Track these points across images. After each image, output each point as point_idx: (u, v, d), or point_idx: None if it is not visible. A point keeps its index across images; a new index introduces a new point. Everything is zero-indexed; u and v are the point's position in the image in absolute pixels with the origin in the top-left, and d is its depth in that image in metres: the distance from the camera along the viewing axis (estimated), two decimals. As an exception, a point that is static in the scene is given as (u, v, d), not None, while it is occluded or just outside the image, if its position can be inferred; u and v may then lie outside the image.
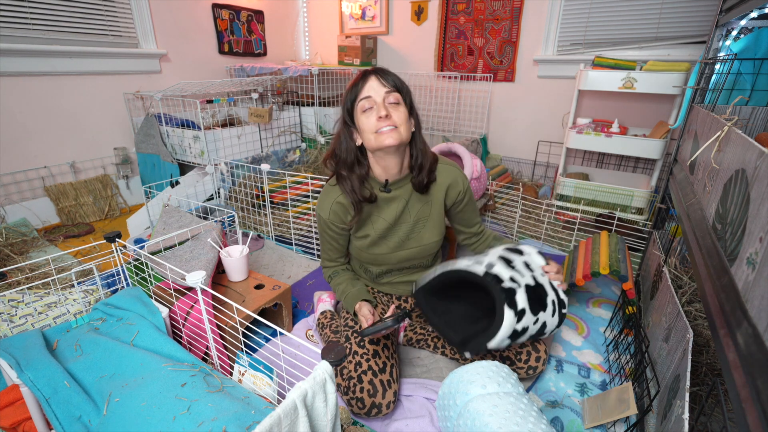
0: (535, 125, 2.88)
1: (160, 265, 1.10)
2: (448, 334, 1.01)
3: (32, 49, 2.05)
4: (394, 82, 1.02)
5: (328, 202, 1.10)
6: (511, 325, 0.90)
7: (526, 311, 0.92)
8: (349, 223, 1.12)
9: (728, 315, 0.55)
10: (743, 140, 0.66)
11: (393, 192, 1.11)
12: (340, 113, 1.07)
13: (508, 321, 0.90)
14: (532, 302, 0.94)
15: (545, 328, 0.99)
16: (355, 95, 1.01)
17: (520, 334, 0.93)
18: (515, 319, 0.91)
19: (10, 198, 2.12)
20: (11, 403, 0.83)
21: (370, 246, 1.15)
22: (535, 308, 0.95)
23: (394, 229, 1.14)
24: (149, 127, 2.34)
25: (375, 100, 0.99)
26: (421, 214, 1.15)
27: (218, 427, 0.63)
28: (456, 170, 1.15)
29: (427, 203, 1.15)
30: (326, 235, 1.16)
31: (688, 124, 1.31)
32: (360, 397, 0.98)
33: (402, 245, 1.16)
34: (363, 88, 1.00)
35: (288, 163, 2.65)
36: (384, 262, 1.18)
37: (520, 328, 0.92)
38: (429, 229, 1.16)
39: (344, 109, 1.05)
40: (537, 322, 0.96)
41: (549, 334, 1.02)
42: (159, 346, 0.86)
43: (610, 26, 2.44)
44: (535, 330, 0.97)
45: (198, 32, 2.85)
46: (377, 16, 3.25)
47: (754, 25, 1.63)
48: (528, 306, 0.93)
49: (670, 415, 0.82)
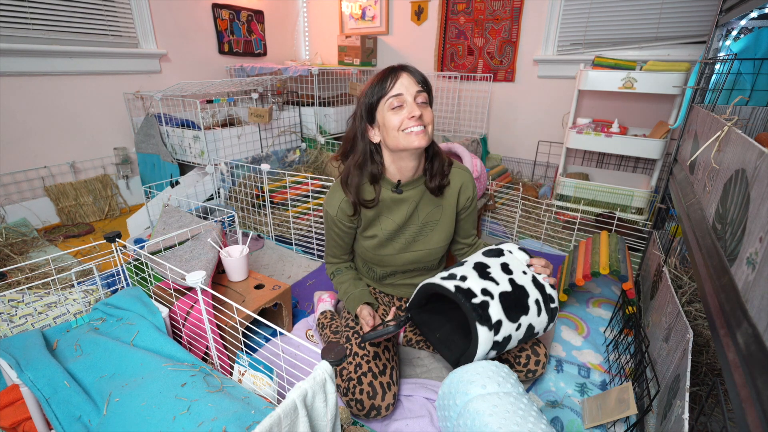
0: (535, 125, 2.88)
1: (160, 265, 1.10)
2: (443, 352, 1.03)
3: (32, 49, 2.05)
4: (424, 81, 0.99)
5: (337, 199, 1.08)
6: (487, 339, 0.90)
7: (503, 321, 0.91)
8: (355, 221, 1.11)
9: (728, 315, 0.55)
10: (743, 140, 0.66)
11: (404, 194, 1.09)
12: (356, 109, 1.03)
13: (483, 337, 0.89)
14: (509, 310, 0.93)
15: (534, 330, 0.98)
16: (383, 91, 0.96)
17: (504, 343, 0.93)
18: (491, 332, 0.90)
19: (10, 198, 2.12)
20: (11, 403, 0.83)
21: (377, 247, 1.14)
22: (514, 315, 0.93)
23: (402, 231, 1.13)
24: (149, 127, 2.34)
25: (406, 98, 0.96)
26: (430, 217, 1.13)
27: (218, 427, 0.63)
28: (468, 175, 1.15)
29: (438, 206, 1.13)
30: (332, 232, 1.15)
31: (688, 124, 1.31)
32: (359, 399, 0.98)
33: (408, 247, 1.14)
34: (394, 84, 0.96)
35: (288, 163, 2.65)
36: (389, 264, 1.17)
37: (500, 338, 0.91)
38: (438, 232, 1.15)
39: (365, 105, 1.00)
40: (520, 327, 0.94)
41: (543, 332, 1.02)
42: (159, 346, 0.86)
43: (610, 26, 2.44)
44: (522, 335, 0.96)
45: (198, 32, 2.85)
46: (377, 16, 3.25)
47: (754, 25, 1.63)
48: (504, 315, 0.91)
49: (670, 415, 0.82)
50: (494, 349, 0.93)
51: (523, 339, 0.97)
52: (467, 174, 1.15)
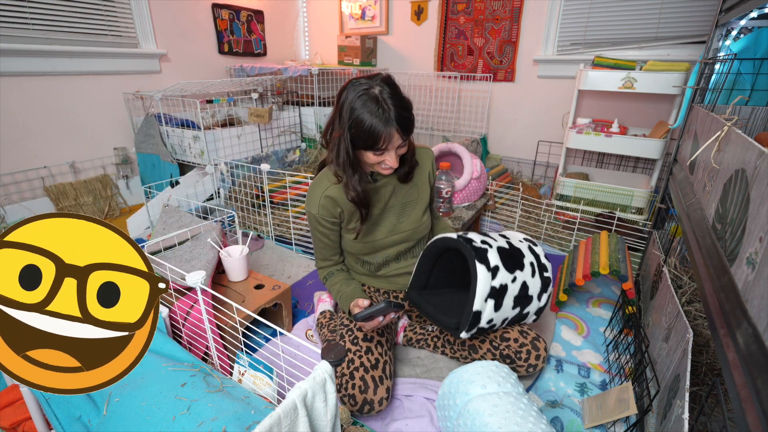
0: (535, 125, 2.88)
1: (160, 265, 1.10)
2: (442, 320, 1.05)
3: (32, 49, 2.05)
4: (408, 129, 0.97)
5: (316, 197, 1.09)
6: (485, 280, 0.95)
7: (499, 267, 0.98)
8: (338, 215, 1.11)
9: (728, 315, 0.55)
10: (743, 140, 0.66)
11: (380, 181, 1.12)
12: (341, 136, 0.98)
13: (482, 275, 0.95)
14: (506, 260, 1.00)
15: (527, 291, 1.04)
16: (372, 143, 0.94)
17: (501, 293, 0.98)
18: (489, 274, 0.96)
19: (10, 198, 2.12)
20: (11, 403, 0.83)
21: (364, 235, 1.14)
22: (510, 266, 1.01)
23: (385, 213, 1.16)
24: (149, 127, 2.34)
25: (389, 149, 0.97)
26: (408, 197, 1.17)
27: (218, 427, 0.63)
28: (430, 153, 1.21)
29: (413, 186, 1.17)
30: (317, 232, 1.15)
31: (688, 124, 1.31)
32: (352, 394, 0.98)
33: (395, 229, 1.17)
34: (384, 143, 0.94)
35: (288, 163, 2.65)
36: (380, 248, 1.18)
37: (497, 285, 0.97)
38: (418, 208, 1.18)
39: (350, 143, 0.96)
40: (515, 281, 1.01)
41: (537, 304, 1.07)
42: (159, 346, 0.86)
43: (610, 26, 2.44)
44: (517, 290, 1.02)
45: (198, 32, 2.85)
46: (377, 16, 3.25)
47: (753, 25, 1.63)
48: (501, 264, 0.99)
49: (669, 415, 0.82)
50: (492, 297, 0.97)
51: (518, 298, 1.02)
52: (429, 151, 1.21)
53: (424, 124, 3.22)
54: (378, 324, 1.00)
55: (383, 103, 0.92)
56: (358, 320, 0.97)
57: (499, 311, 1.00)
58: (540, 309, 1.10)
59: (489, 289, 0.96)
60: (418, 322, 1.32)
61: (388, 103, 0.92)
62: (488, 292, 0.96)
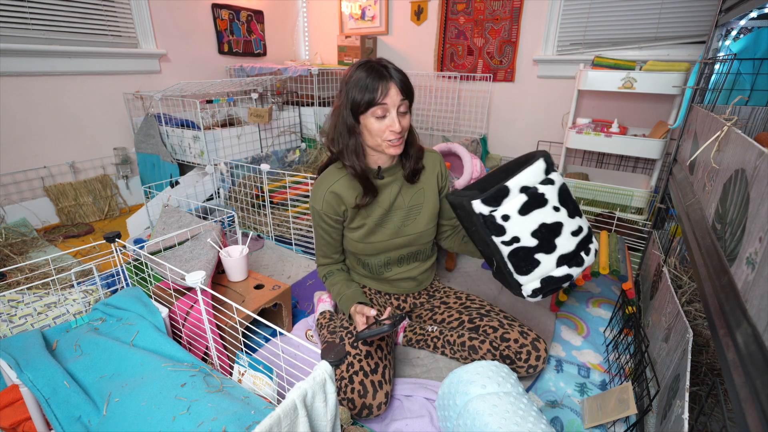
0: (534, 125, 2.88)
1: (160, 265, 1.10)
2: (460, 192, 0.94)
3: (32, 49, 2.05)
4: (407, 88, 1.00)
5: (321, 192, 1.10)
6: (537, 170, 0.85)
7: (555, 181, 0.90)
8: (362, 202, 1.09)
9: (728, 315, 0.55)
10: (743, 140, 0.66)
11: (386, 179, 1.12)
12: (341, 105, 1.02)
13: (538, 165, 0.86)
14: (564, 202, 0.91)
15: (581, 234, 0.93)
16: (371, 100, 0.97)
17: (540, 201, 0.87)
18: (543, 171, 0.87)
19: (10, 198, 2.12)
20: (11, 404, 0.83)
21: (367, 234, 1.14)
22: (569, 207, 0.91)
23: (389, 215, 1.15)
24: (149, 127, 2.33)
25: (389, 108, 0.98)
26: (414, 201, 1.17)
27: (218, 427, 0.63)
28: (438, 155, 1.21)
29: (420, 190, 1.17)
30: (320, 228, 1.16)
31: (688, 124, 1.31)
32: (351, 398, 0.98)
33: (398, 232, 1.16)
34: (382, 96, 0.96)
35: (288, 163, 2.65)
36: (382, 251, 1.18)
37: (542, 191, 0.87)
38: (424, 215, 1.18)
39: (351, 102, 0.99)
40: (574, 216, 0.92)
41: (585, 259, 0.93)
42: (159, 346, 0.86)
43: (610, 26, 2.44)
44: (574, 223, 0.91)
45: (198, 32, 2.85)
46: (377, 16, 3.25)
47: (753, 25, 1.63)
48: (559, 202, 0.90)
49: (669, 415, 0.82)
50: (526, 194, 0.86)
51: (572, 228, 0.91)
52: (437, 155, 1.21)
53: (424, 124, 3.23)
54: (378, 337, 1.00)
55: (380, 64, 0.99)
56: (359, 340, 0.97)
57: (529, 216, 0.86)
58: (596, 251, 0.97)
59: (541, 178, 0.86)
60: (418, 322, 1.32)
61: (385, 64, 0.99)
62: (537, 180, 0.86)
